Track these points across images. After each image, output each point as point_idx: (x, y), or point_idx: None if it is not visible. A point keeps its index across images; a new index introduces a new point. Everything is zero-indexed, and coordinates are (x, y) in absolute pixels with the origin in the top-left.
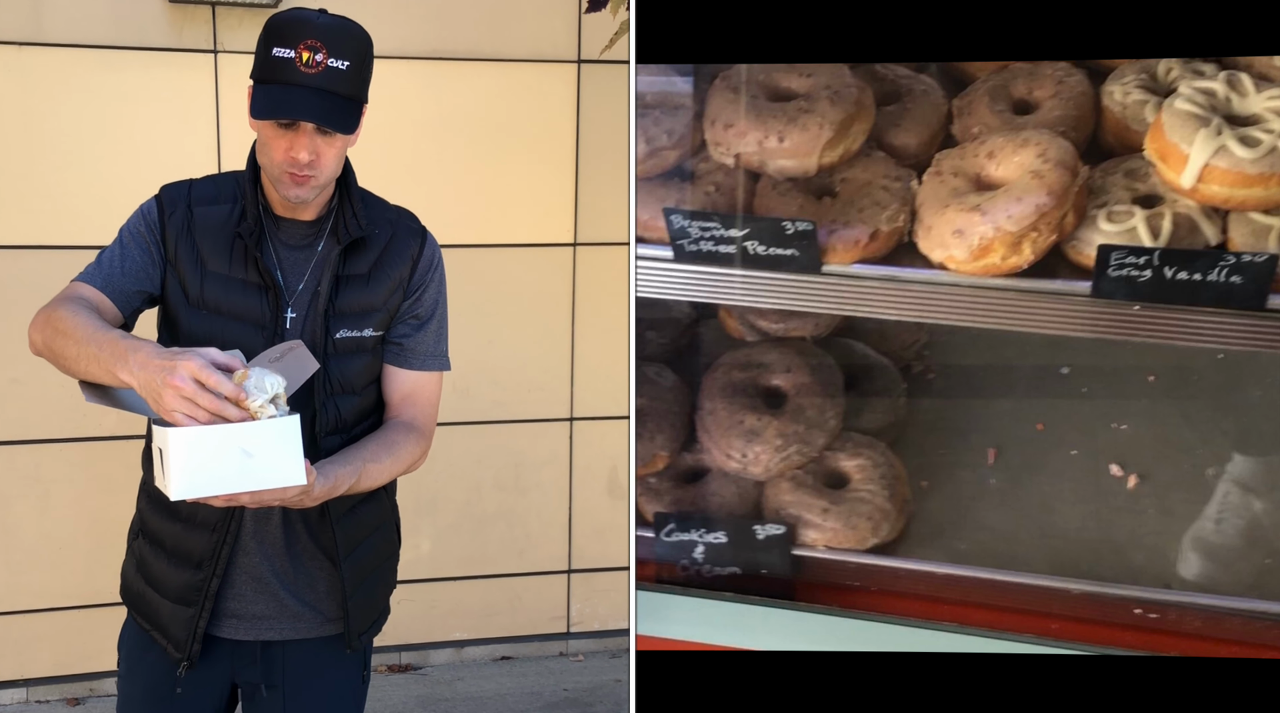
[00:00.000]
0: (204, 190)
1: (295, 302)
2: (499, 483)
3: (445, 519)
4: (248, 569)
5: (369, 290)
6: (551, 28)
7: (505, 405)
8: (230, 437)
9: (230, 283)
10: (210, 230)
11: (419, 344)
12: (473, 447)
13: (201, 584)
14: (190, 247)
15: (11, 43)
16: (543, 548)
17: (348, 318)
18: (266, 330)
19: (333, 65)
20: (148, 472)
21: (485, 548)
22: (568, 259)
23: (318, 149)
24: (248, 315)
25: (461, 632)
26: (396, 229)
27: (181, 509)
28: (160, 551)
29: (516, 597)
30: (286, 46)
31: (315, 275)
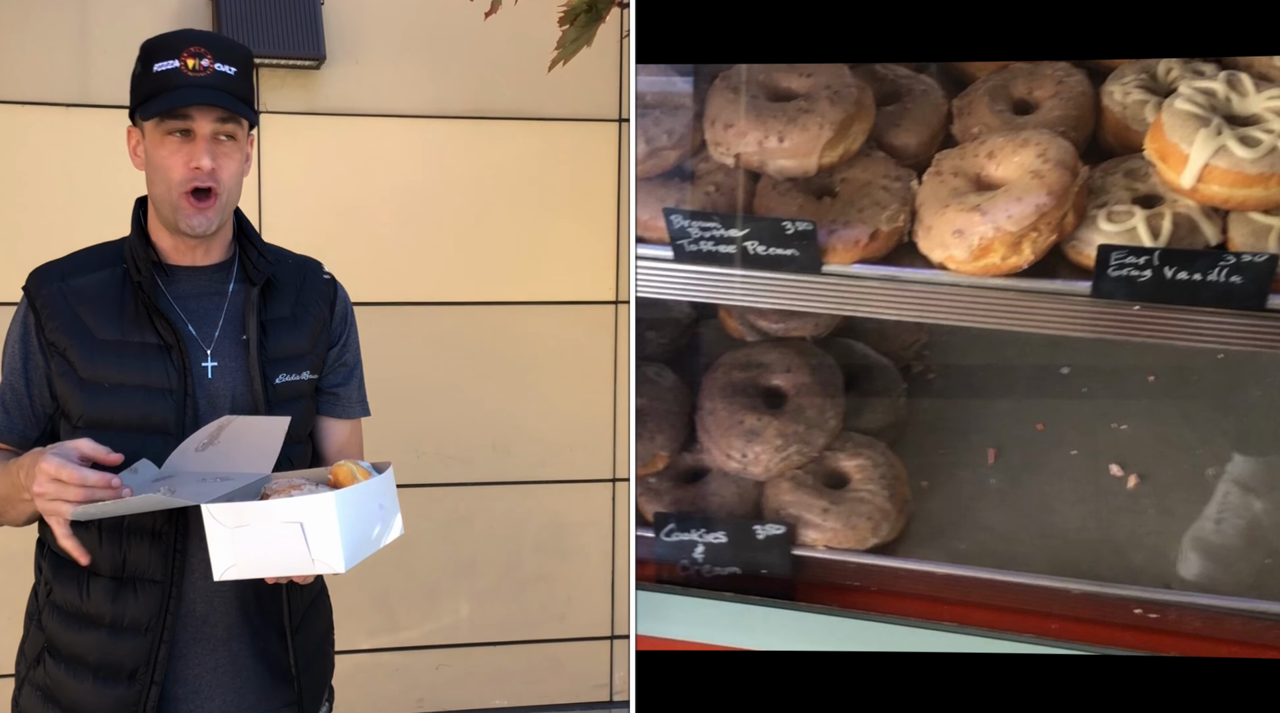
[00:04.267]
0: (76, 262)
1: (215, 351)
2: (539, 545)
3: (484, 582)
4: (197, 663)
5: (297, 332)
6: (593, 87)
7: (546, 465)
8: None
9: (124, 349)
10: (93, 299)
11: (351, 392)
12: (513, 508)
13: (138, 698)
14: (72, 321)
15: (59, 104)
16: (585, 613)
17: (282, 363)
18: (175, 393)
19: (220, 69)
20: (57, 584)
21: (525, 612)
22: (609, 317)
23: (218, 159)
24: (151, 382)
25: (501, 699)
26: (305, 273)
27: (105, 615)
28: (81, 669)
29: (558, 663)
30: (168, 59)
31: (235, 320)
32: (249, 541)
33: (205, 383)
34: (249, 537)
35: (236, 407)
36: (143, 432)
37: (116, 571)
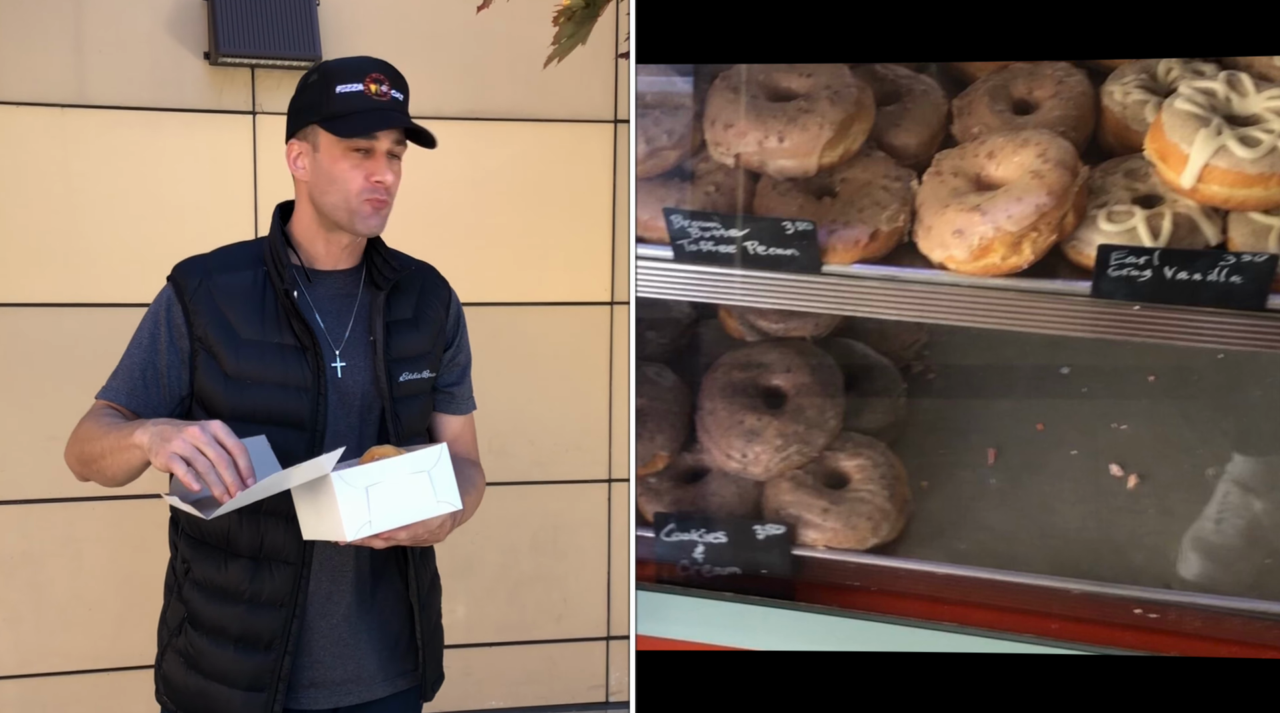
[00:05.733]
0: (220, 260)
1: (345, 351)
2: (536, 546)
3: (481, 583)
4: (323, 634)
5: (419, 334)
6: (588, 87)
7: (542, 466)
8: (389, 471)
9: (265, 348)
10: (236, 298)
11: (464, 390)
12: (509, 508)
13: (274, 666)
14: (217, 317)
15: (55, 105)
16: (581, 613)
17: (405, 362)
18: (309, 392)
19: (396, 97)
20: (196, 562)
21: (522, 613)
22: (605, 317)
23: (395, 170)
24: (289, 380)
25: (497, 700)
26: (425, 277)
27: (244, 590)
28: (223, 639)
29: (554, 664)
30: (353, 82)
31: (362, 323)
32: (381, 496)
33: (336, 381)
34: (381, 493)
35: (364, 403)
36: (280, 426)
37: (254, 551)
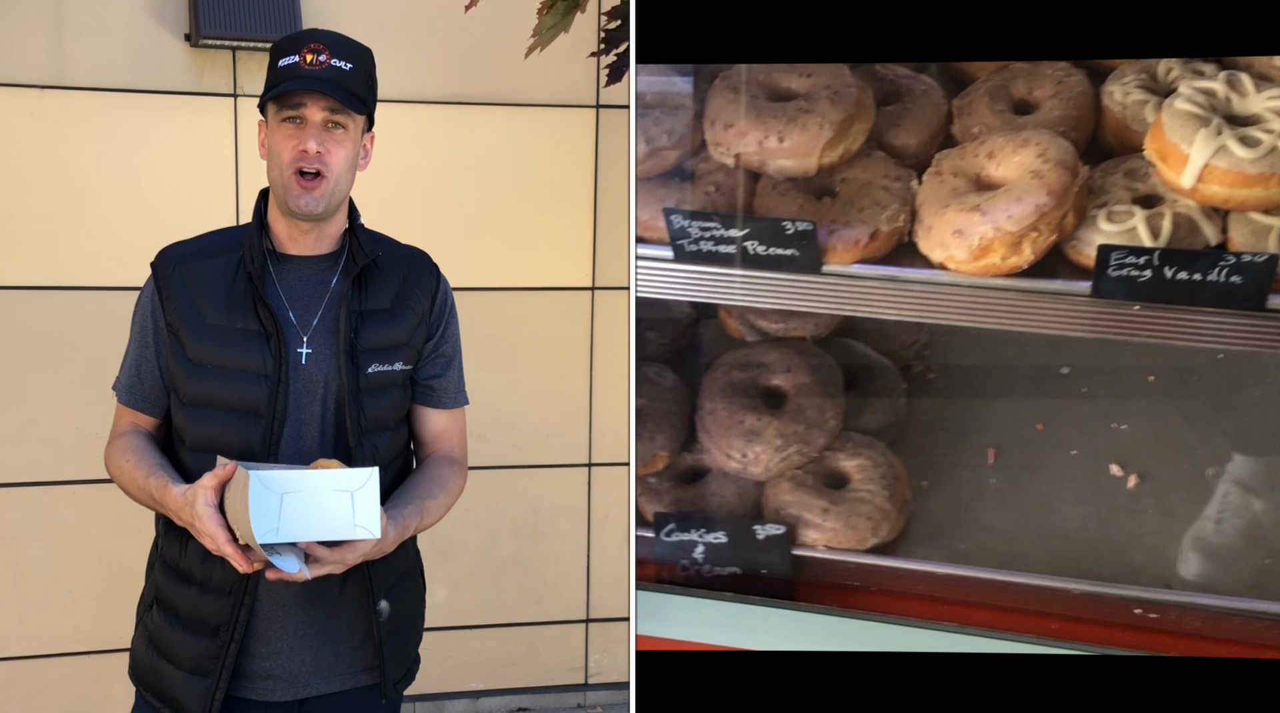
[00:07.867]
0: (201, 245)
1: (312, 338)
2: (516, 529)
3: (461, 567)
4: (279, 625)
5: (394, 324)
6: (571, 73)
7: (523, 450)
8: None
9: (228, 333)
10: (207, 283)
11: (449, 384)
12: (489, 492)
13: (218, 652)
14: (186, 302)
15: (34, 86)
16: (561, 596)
17: (376, 353)
18: (269, 379)
19: (336, 64)
20: (165, 543)
21: (502, 596)
22: (586, 303)
23: (326, 145)
24: (249, 366)
25: (478, 682)
26: (412, 264)
27: (196, 574)
28: (175, 619)
29: (534, 646)
30: (291, 54)
31: (333, 310)
32: (294, 506)
33: (299, 369)
34: (295, 503)
35: (328, 392)
36: (237, 412)
37: None
